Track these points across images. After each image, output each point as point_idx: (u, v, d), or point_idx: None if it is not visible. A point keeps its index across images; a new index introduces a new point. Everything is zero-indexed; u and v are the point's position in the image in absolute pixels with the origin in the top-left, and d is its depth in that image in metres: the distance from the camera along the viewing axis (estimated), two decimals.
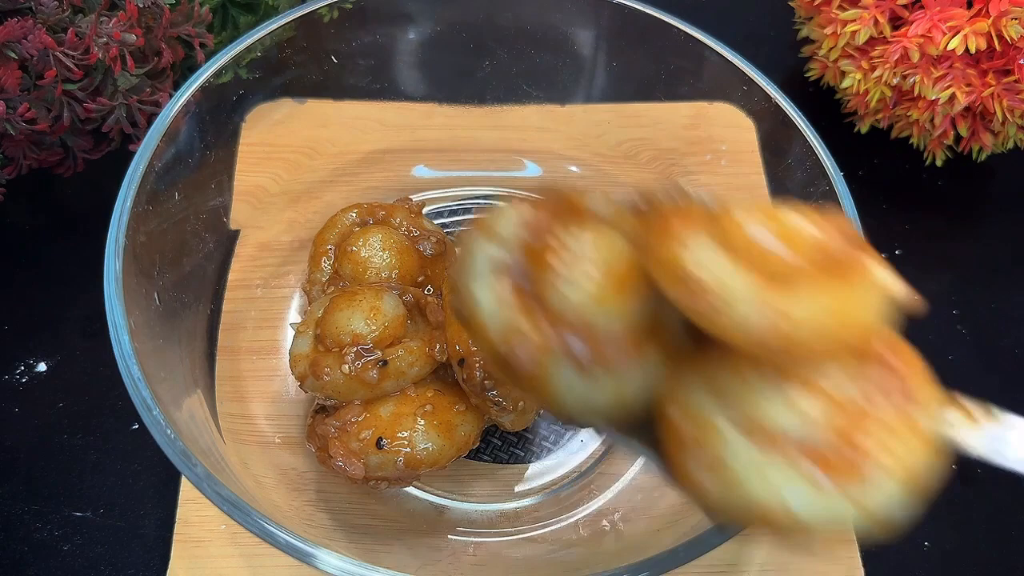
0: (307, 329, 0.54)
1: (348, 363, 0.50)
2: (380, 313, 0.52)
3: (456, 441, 0.51)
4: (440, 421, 0.51)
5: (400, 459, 0.50)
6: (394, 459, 0.50)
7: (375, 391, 0.51)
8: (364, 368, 0.50)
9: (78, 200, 0.72)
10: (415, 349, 0.52)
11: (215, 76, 0.59)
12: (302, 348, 0.53)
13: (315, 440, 0.52)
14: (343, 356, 0.51)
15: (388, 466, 0.50)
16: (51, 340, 0.64)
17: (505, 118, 0.73)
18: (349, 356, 0.51)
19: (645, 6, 0.65)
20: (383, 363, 0.51)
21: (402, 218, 0.63)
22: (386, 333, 0.52)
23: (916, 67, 0.69)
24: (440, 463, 0.51)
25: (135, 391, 0.45)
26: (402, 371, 0.51)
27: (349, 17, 0.65)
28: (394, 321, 0.53)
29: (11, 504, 0.57)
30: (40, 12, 0.58)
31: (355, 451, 0.50)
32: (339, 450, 0.50)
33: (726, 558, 0.56)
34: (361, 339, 0.51)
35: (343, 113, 0.71)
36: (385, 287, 0.55)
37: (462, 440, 0.52)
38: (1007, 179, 0.82)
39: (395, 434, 0.50)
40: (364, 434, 0.50)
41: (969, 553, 0.59)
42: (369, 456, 0.50)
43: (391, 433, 0.50)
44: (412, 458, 0.50)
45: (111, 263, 0.49)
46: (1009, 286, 0.74)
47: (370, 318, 0.52)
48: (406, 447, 0.50)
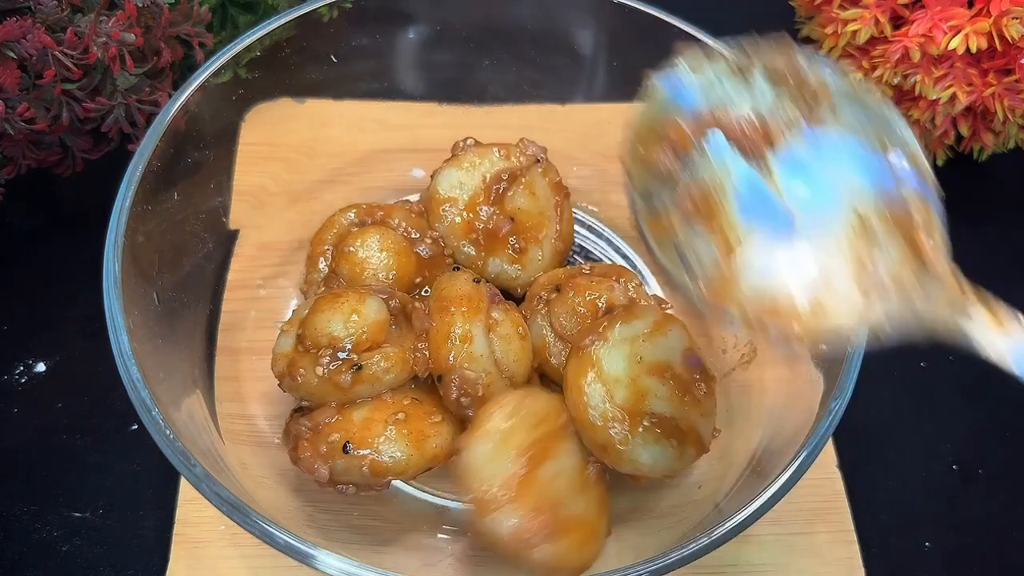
0: (291, 328, 0.54)
1: (322, 365, 0.50)
2: (361, 317, 0.52)
3: (426, 452, 0.50)
4: (411, 430, 0.50)
5: (365, 466, 0.49)
6: (359, 465, 0.49)
7: (348, 395, 0.50)
8: (337, 371, 0.50)
9: (77, 200, 0.72)
10: (392, 356, 0.51)
11: (214, 76, 0.59)
12: (283, 347, 0.53)
13: (289, 439, 0.52)
14: (318, 358, 0.50)
15: (353, 471, 0.49)
16: (50, 340, 0.64)
17: (505, 118, 0.73)
18: (324, 359, 0.50)
19: (645, 5, 0.65)
20: (357, 367, 0.50)
21: (401, 219, 0.63)
22: (365, 337, 0.51)
23: (917, 67, 0.68)
24: (407, 473, 0.50)
25: (134, 392, 0.45)
26: (377, 377, 0.51)
27: (349, 17, 0.65)
28: (374, 326, 0.52)
29: (10, 504, 0.57)
30: (39, 11, 0.58)
31: (322, 454, 0.50)
32: (307, 451, 0.50)
33: (726, 558, 0.56)
34: (338, 342, 0.51)
35: (343, 113, 0.71)
36: (370, 290, 0.54)
37: (432, 452, 0.51)
38: (1007, 179, 0.81)
39: (363, 440, 0.49)
40: (333, 437, 0.49)
41: (969, 553, 0.59)
42: (336, 460, 0.49)
43: (360, 438, 0.49)
44: (378, 465, 0.49)
45: (110, 263, 0.49)
46: (1009, 286, 0.74)
47: (350, 321, 0.51)
48: (372, 454, 0.49)
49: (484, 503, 0.47)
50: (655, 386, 0.52)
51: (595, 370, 0.52)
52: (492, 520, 0.47)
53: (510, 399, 0.50)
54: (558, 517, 0.47)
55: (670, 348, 0.53)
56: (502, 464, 0.48)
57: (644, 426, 0.51)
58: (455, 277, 0.56)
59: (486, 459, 0.48)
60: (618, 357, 0.52)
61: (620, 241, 0.71)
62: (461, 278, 0.56)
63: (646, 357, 0.52)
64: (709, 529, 0.45)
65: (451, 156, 0.64)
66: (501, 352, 0.53)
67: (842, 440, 0.63)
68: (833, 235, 0.40)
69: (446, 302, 0.54)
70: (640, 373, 0.52)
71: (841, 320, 0.39)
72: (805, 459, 0.47)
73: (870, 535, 0.59)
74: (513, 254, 0.61)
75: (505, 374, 0.54)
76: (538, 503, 0.47)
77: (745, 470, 0.53)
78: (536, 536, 0.46)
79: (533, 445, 0.49)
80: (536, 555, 0.46)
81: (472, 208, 0.61)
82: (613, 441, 0.51)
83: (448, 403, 0.52)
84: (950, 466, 0.63)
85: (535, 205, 0.62)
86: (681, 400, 0.52)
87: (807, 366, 0.55)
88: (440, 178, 0.62)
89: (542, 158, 0.62)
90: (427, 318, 0.54)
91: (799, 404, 0.53)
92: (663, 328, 0.54)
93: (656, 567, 0.43)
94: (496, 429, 0.49)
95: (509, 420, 0.49)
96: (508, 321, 0.55)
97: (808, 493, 0.59)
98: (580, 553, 0.48)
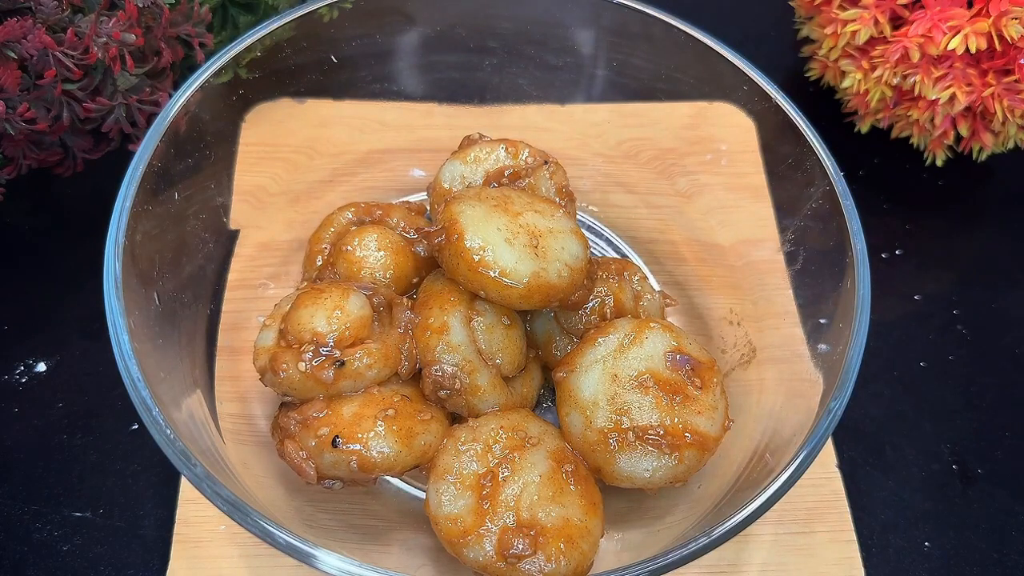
0: (273, 323, 0.54)
1: (305, 361, 0.50)
2: (344, 313, 0.52)
3: (415, 449, 0.50)
4: (400, 427, 0.50)
5: (353, 461, 0.49)
6: (347, 460, 0.49)
7: (331, 391, 0.51)
8: (320, 367, 0.50)
9: (78, 200, 0.72)
10: (375, 352, 0.51)
11: (215, 76, 0.59)
12: (265, 342, 0.53)
13: (277, 433, 0.52)
14: (301, 353, 0.50)
15: (341, 466, 0.49)
16: (51, 340, 0.64)
17: (505, 118, 0.73)
18: (307, 354, 0.50)
19: (645, 6, 0.65)
20: (340, 363, 0.50)
21: (400, 218, 0.63)
22: (347, 333, 0.51)
23: (916, 67, 0.69)
24: (395, 470, 0.50)
25: (135, 391, 0.45)
26: (360, 373, 0.51)
27: (349, 17, 0.65)
28: (357, 322, 0.52)
29: (11, 504, 0.57)
30: (40, 12, 0.58)
31: (311, 448, 0.50)
32: (295, 445, 0.50)
33: (726, 558, 0.56)
34: (321, 338, 0.51)
35: (343, 113, 0.71)
36: (353, 287, 0.54)
37: (421, 449, 0.51)
38: (1007, 179, 0.82)
39: (353, 435, 0.49)
40: (322, 431, 0.50)
41: (969, 553, 0.59)
42: (324, 454, 0.49)
43: (349, 433, 0.49)
44: (366, 461, 0.49)
45: (111, 263, 0.49)
46: (1009, 286, 0.74)
47: (332, 317, 0.51)
48: (361, 449, 0.49)
49: (454, 540, 0.48)
50: (637, 399, 0.51)
51: (571, 400, 0.53)
52: (468, 552, 0.48)
53: (462, 430, 0.51)
54: (536, 528, 0.48)
55: (648, 356, 0.53)
56: (462, 497, 0.49)
57: (630, 442, 0.51)
58: (440, 272, 0.56)
59: (447, 498, 0.49)
60: (592, 381, 0.52)
61: (620, 241, 0.71)
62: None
63: (622, 373, 0.52)
64: (709, 529, 0.45)
65: (459, 149, 0.64)
66: (484, 341, 0.53)
67: (842, 440, 0.63)
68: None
69: (426, 295, 0.55)
70: (618, 391, 0.52)
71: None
72: (805, 459, 0.47)
73: (870, 535, 0.59)
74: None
75: (490, 363, 0.53)
76: (508, 522, 0.48)
77: (745, 470, 0.53)
78: (516, 552, 0.47)
79: (493, 469, 0.49)
80: (525, 568, 0.47)
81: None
82: (602, 463, 0.51)
83: (428, 397, 0.52)
84: (950, 466, 0.63)
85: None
86: (671, 405, 0.51)
87: (807, 366, 0.56)
88: (443, 171, 0.63)
89: (551, 160, 0.62)
90: (415, 317, 0.54)
91: (799, 404, 0.53)
92: (639, 337, 0.54)
93: (656, 567, 0.43)
94: (450, 465, 0.50)
95: (462, 454, 0.50)
96: (492, 311, 0.54)
97: (808, 493, 0.59)
98: (570, 556, 0.48)
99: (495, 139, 0.64)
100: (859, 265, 0.53)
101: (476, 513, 0.48)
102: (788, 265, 0.62)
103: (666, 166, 0.71)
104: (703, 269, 0.68)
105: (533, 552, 0.47)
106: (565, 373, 0.54)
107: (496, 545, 0.47)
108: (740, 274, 0.65)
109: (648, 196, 0.72)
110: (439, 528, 0.49)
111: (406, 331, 0.53)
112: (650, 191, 0.72)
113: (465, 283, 0.52)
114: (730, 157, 0.70)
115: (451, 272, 0.53)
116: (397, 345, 0.52)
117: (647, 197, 0.72)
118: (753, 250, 0.65)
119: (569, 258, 0.53)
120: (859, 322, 0.51)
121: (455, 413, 0.54)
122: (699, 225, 0.69)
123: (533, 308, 0.54)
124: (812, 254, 0.60)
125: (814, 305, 0.58)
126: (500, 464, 0.50)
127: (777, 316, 0.61)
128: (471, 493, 0.49)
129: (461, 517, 0.48)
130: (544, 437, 0.52)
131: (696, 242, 0.69)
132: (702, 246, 0.68)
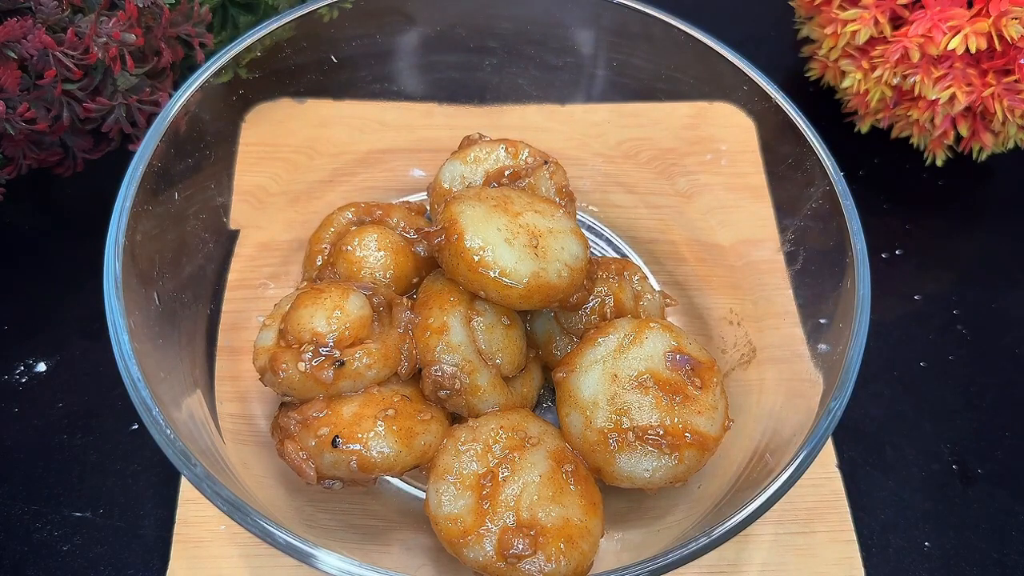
0: (273, 323, 0.54)
1: (304, 361, 0.50)
2: (343, 313, 0.52)
3: (415, 449, 0.50)
4: (400, 427, 0.50)
5: (353, 461, 0.49)
6: (347, 460, 0.49)
7: (331, 391, 0.51)
8: (319, 367, 0.50)
9: (78, 200, 0.72)
10: (374, 352, 0.51)
11: (215, 76, 0.59)
12: (265, 342, 0.53)
13: (277, 432, 0.52)
14: (300, 353, 0.50)
15: (341, 466, 0.49)
16: (51, 340, 0.64)
17: (505, 118, 0.73)
18: (307, 354, 0.50)
19: (645, 6, 0.65)
20: (340, 363, 0.50)
21: (400, 218, 0.63)
22: (347, 333, 0.51)
23: (916, 67, 0.69)
24: (395, 470, 0.50)
25: (135, 391, 0.45)
26: (360, 373, 0.51)
27: (349, 17, 0.65)
28: (357, 322, 0.52)
29: (11, 504, 0.57)
30: (40, 12, 0.58)
31: (311, 448, 0.50)
32: (295, 446, 0.50)
33: (726, 558, 0.56)
34: (321, 338, 0.51)
35: (343, 113, 0.71)
36: (353, 287, 0.54)
37: (421, 450, 0.51)
38: (1007, 179, 0.82)
39: (353, 435, 0.49)
40: (322, 431, 0.50)
41: (969, 553, 0.59)
42: (324, 454, 0.49)
43: (349, 433, 0.49)
44: (366, 461, 0.49)
45: (111, 263, 0.49)
46: (1009, 286, 0.74)
47: (332, 317, 0.51)
48: (361, 449, 0.49)
49: (454, 540, 0.48)
50: (637, 399, 0.51)
51: (571, 400, 0.53)
52: (468, 552, 0.48)
53: (462, 430, 0.51)
54: (536, 528, 0.48)
55: (648, 356, 0.53)
56: (461, 497, 0.49)
57: (630, 442, 0.51)
58: (440, 272, 0.56)
59: (447, 498, 0.49)
60: (592, 381, 0.52)
61: (620, 241, 0.71)
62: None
63: (622, 373, 0.52)
64: (709, 529, 0.45)
65: (458, 149, 0.64)
66: (484, 341, 0.53)
67: (842, 440, 0.63)
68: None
69: (426, 295, 0.55)
70: (618, 391, 0.52)
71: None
72: (805, 459, 0.47)
73: (870, 535, 0.59)
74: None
75: (490, 363, 0.53)
76: (508, 522, 0.48)
77: (745, 470, 0.53)
78: (516, 552, 0.47)
79: (492, 469, 0.49)
80: (525, 568, 0.47)
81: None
82: (602, 463, 0.51)
83: (428, 397, 0.53)
84: (950, 466, 0.63)
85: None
86: (671, 405, 0.51)
87: (807, 366, 0.56)
88: (443, 171, 0.63)
89: (551, 160, 0.62)
90: (414, 317, 0.54)
91: (799, 404, 0.53)
92: (638, 337, 0.54)
93: (656, 567, 0.43)
94: (450, 465, 0.50)
95: (462, 454, 0.50)
96: (492, 311, 0.54)
97: (808, 493, 0.59)
98: (570, 556, 0.48)
99: (495, 139, 0.64)
100: (859, 265, 0.53)
101: (476, 513, 0.48)
102: (788, 265, 0.62)
103: (666, 166, 0.71)
104: (703, 269, 0.68)
105: (533, 552, 0.47)
106: (565, 373, 0.53)
107: (496, 545, 0.47)
108: (740, 274, 0.65)
109: (648, 196, 0.72)
110: (439, 528, 0.49)
111: (406, 331, 0.53)
112: (650, 191, 0.72)
113: (465, 283, 0.52)
114: (730, 157, 0.70)
115: (451, 272, 0.53)
116: (397, 345, 0.52)
117: (647, 197, 0.72)
118: (753, 250, 0.65)
119: (569, 258, 0.53)
120: (859, 322, 0.51)
121: (455, 413, 0.54)
122: (699, 225, 0.69)
123: (533, 308, 0.54)
124: (812, 254, 0.60)
125: (814, 305, 0.58)
126: (500, 464, 0.50)
127: (777, 316, 0.61)
128: (471, 493, 0.49)
129: (461, 517, 0.48)
130: (544, 437, 0.52)
131: (696, 242, 0.69)
132: (702, 246, 0.68)
